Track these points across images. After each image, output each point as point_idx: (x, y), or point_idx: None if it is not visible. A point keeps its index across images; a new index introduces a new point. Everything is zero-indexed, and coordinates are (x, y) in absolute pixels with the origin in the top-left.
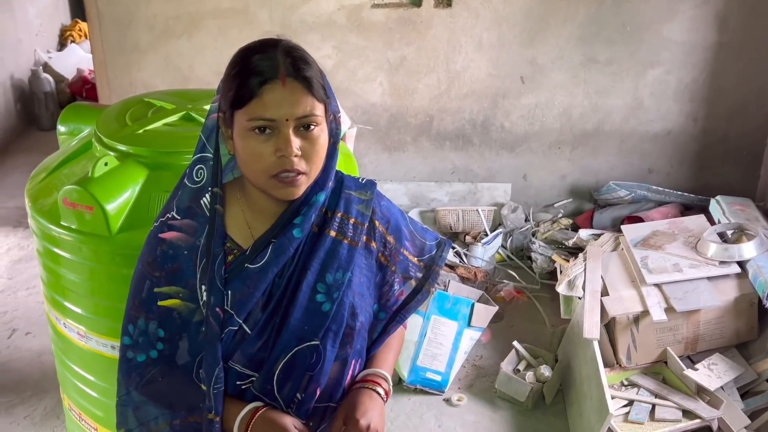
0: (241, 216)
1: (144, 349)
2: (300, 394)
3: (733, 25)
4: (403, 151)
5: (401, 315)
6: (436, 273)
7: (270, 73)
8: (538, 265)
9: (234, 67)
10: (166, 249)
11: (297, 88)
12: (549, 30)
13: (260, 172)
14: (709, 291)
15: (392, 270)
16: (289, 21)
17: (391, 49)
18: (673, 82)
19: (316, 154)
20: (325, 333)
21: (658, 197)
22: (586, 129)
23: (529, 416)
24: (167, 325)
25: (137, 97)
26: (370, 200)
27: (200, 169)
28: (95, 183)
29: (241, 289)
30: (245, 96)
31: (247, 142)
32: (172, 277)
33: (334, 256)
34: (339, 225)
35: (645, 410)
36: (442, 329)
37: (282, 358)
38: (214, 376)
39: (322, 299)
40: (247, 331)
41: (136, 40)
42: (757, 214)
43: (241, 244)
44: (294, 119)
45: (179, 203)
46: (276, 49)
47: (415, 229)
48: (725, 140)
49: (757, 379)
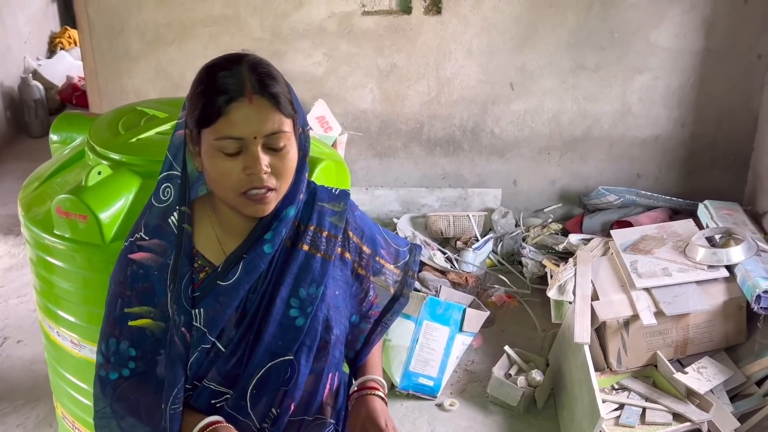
0: (211, 232)
1: (116, 367)
2: (275, 409)
3: (721, 31)
4: (394, 157)
5: (383, 323)
6: (412, 278)
7: (236, 91)
8: (528, 270)
9: (199, 84)
10: (136, 269)
11: (264, 105)
12: (538, 36)
13: (229, 189)
14: (698, 295)
15: (370, 279)
16: (279, 28)
17: (382, 56)
18: (661, 87)
19: (286, 170)
20: (299, 347)
21: (646, 202)
22: (575, 134)
23: (521, 420)
24: (139, 344)
25: (129, 105)
26: (344, 212)
27: (167, 187)
28: (89, 192)
29: (213, 306)
30: (212, 115)
31: (215, 161)
32: (143, 297)
33: (308, 270)
34: (312, 239)
35: (636, 414)
36: (434, 334)
37: (256, 373)
38: (172, 396)
39: (296, 314)
40: (221, 348)
41: (127, 47)
42: (745, 219)
43: (212, 261)
44: (262, 137)
45: (147, 223)
46: (241, 65)
47: (388, 237)
48: (713, 145)
49: (746, 382)
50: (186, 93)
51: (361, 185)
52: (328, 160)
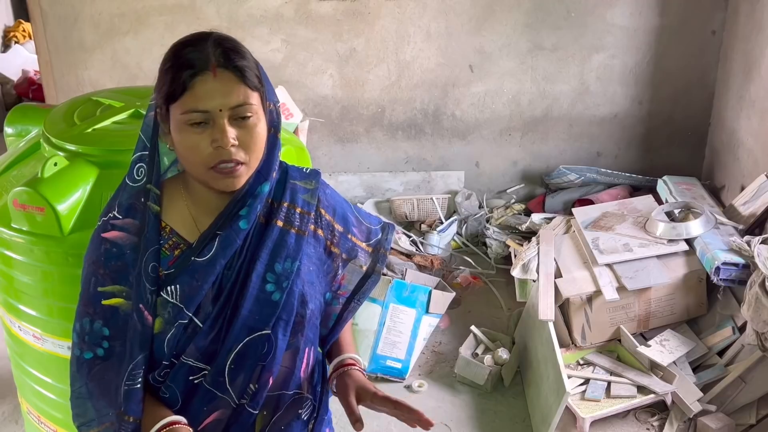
0: (185, 210)
1: (90, 347)
2: (253, 384)
3: (675, 9)
4: (356, 143)
5: (355, 301)
6: (384, 255)
7: (201, 65)
8: (493, 251)
9: (167, 62)
10: (109, 248)
11: (229, 78)
12: (495, 18)
13: (199, 164)
14: (659, 269)
15: (342, 257)
16: (236, 15)
17: (341, 41)
18: (618, 66)
19: (254, 143)
20: (276, 322)
21: (607, 179)
22: (535, 115)
23: (489, 398)
24: (112, 323)
25: (85, 96)
26: (315, 189)
27: (141, 167)
28: (45, 184)
29: (188, 283)
30: (177, 90)
31: (184, 136)
32: (116, 276)
33: (283, 245)
34: (286, 215)
35: (601, 388)
36: (400, 317)
37: (234, 348)
38: (128, 372)
39: (272, 288)
40: (199, 324)
41: (82, 38)
42: (703, 193)
43: (187, 239)
44: (228, 109)
45: (121, 202)
46: (207, 41)
47: (360, 215)
48: (670, 122)
49: (707, 353)
50: (143, 83)
51: (324, 171)
52: (288, 145)
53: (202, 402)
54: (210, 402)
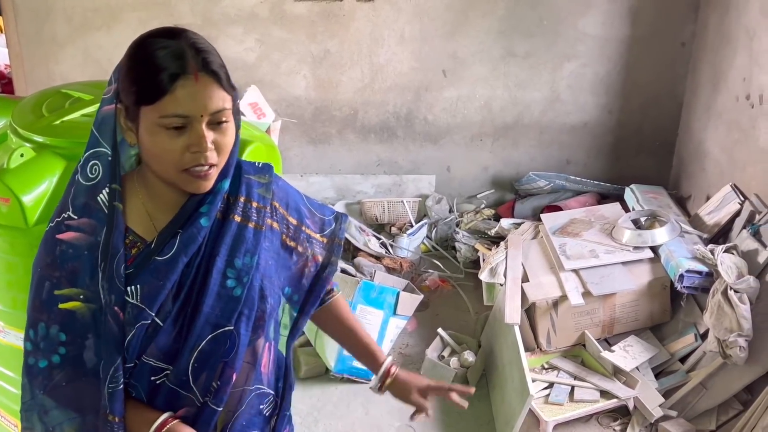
0: (141, 208)
1: (46, 354)
2: (216, 382)
3: (646, 19)
4: (329, 144)
5: (315, 293)
6: (339, 246)
7: (180, 68)
8: (462, 255)
9: (135, 59)
10: (65, 249)
11: (209, 83)
12: (469, 23)
13: (171, 166)
14: (624, 275)
15: (298, 250)
16: (210, 13)
17: (315, 42)
18: (589, 74)
19: (227, 146)
20: (238, 317)
21: (575, 187)
22: (506, 121)
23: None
24: (69, 328)
25: (54, 88)
26: (269, 183)
27: (95, 165)
28: (11, 174)
29: (149, 282)
30: (155, 92)
31: (157, 138)
32: (72, 278)
33: (241, 240)
34: (243, 210)
35: (564, 392)
36: (368, 318)
37: (197, 346)
38: (109, 375)
39: (233, 284)
40: (159, 323)
41: (54, 32)
42: (670, 202)
43: (144, 237)
44: (208, 114)
45: (74, 202)
46: (180, 41)
47: (313, 206)
48: (639, 131)
49: (670, 359)
50: None
51: (296, 172)
52: (259, 142)
53: (165, 401)
54: (174, 401)
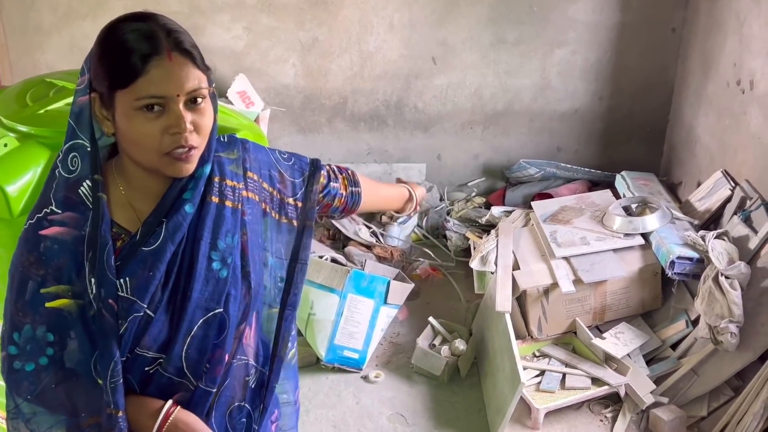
0: (123, 199)
1: (32, 357)
2: (207, 364)
3: (636, 5)
4: (318, 133)
5: (300, 261)
6: (312, 209)
7: (152, 48)
8: (452, 243)
9: (106, 44)
10: (50, 245)
11: (183, 62)
12: (459, 10)
13: (151, 151)
14: (615, 262)
15: (275, 217)
16: (197, 1)
17: (303, 30)
18: (579, 61)
19: (206, 127)
20: (227, 299)
21: (566, 174)
22: (496, 108)
23: (445, 389)
24: (56, 327)
25: (38, 77)
26: (239, 158)
27: (75, 157)
28: None
29: (137, 274)
30: (128, 75)
31: (135, 122)
32: (59, 275)
33: (221, 221)
34: (219, 190)
35: (556, 379)
36: (358, 307)
37: (189, 332)
38: (110, 370)
39: (218, 266)
40: (150, 314)
41: (39, 21)
42: (660, 188)
43: (127, 228)
44: (185, 94)
45: (56, 196)
46: (149, 22)
47: (283, 169)
48: (630, 118)
49: (661, 346)
50: None
51: None
52: (246, 130)
53: (158, 388)
54: (167, 387)
